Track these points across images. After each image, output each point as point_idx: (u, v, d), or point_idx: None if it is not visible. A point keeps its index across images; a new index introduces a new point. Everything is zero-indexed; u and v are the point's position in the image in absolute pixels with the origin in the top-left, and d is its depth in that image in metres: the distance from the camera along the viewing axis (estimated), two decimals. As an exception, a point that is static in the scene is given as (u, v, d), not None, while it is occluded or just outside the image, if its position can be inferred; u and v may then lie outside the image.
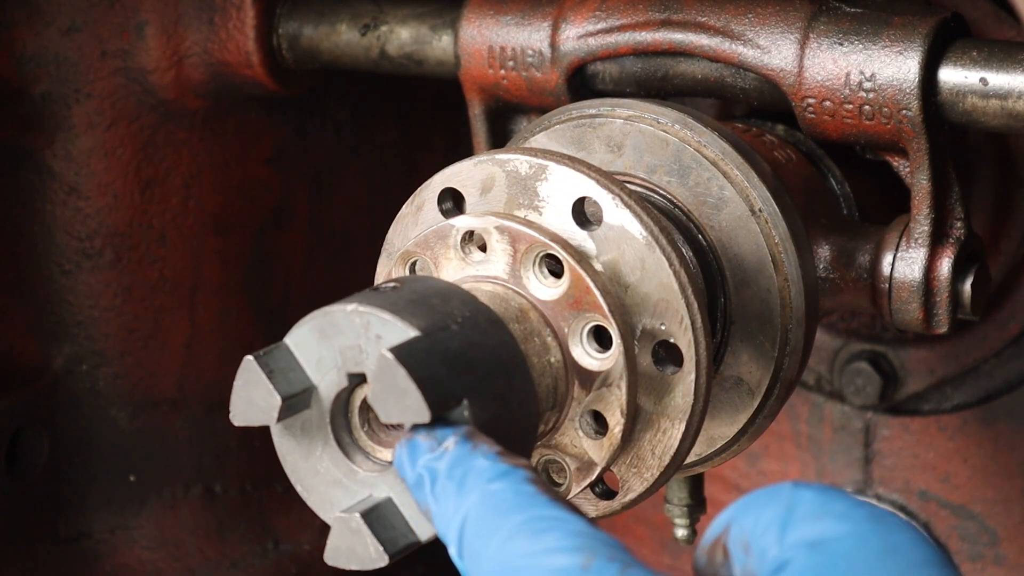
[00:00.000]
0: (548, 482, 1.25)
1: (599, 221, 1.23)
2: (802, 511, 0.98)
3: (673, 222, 1.34)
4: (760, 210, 1.34)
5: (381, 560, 1.12)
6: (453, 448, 1.07)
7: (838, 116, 1.43)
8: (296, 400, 1.13)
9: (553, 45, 1.54)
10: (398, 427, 1.14)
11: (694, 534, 1.58)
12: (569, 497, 1.24)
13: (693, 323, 1.22)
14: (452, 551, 1.05)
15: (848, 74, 1.42)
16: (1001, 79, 1.38)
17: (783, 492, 0.99)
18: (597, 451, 1.22)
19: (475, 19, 1.58)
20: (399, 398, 1.06)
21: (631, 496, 1.28)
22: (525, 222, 1.22)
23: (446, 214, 1.28)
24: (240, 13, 1.71)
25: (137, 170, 1.77)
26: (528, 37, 1.56)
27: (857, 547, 0.95)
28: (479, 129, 1.62)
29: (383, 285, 1.16)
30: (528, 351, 1.18)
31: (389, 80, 1.74)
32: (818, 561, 0.95)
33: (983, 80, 1.39)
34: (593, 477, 1.23)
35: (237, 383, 1.13)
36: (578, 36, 1.53)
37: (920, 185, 1.43)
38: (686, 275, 1.22)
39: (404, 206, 1.32)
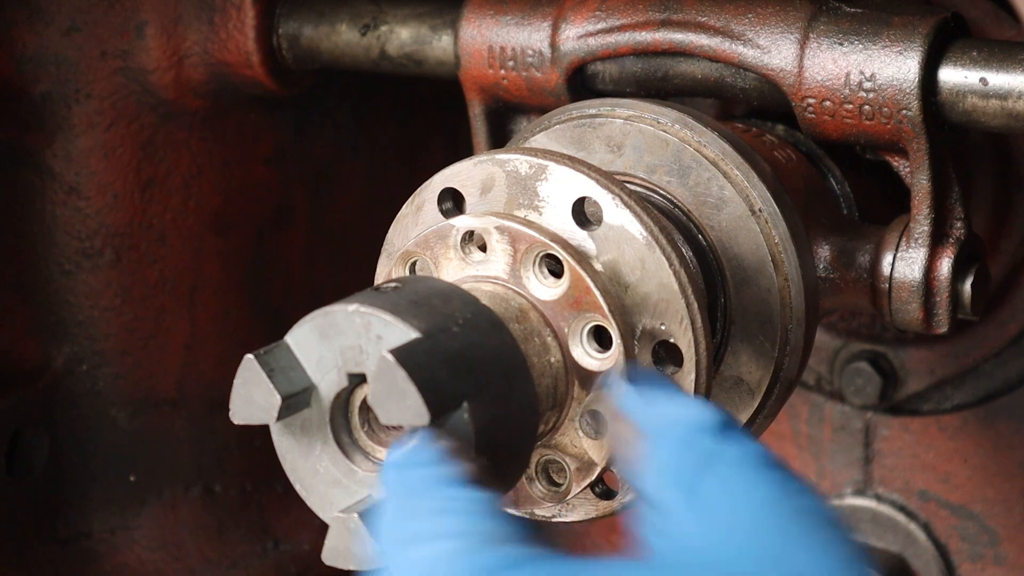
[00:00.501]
0: (547, 482, 1.25)
1: (599, 221, 1.23)
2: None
3: (673, 222, 1.34)
4: (760, 210, 1.35)
5: None
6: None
7: (838, 116, 1.43)
8: (296, 399, 1.13)
9: (553, 45, 1.54)
10: (398, 427, 1.14)
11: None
12: (569, 497, 1.25)
13: (693, 323, 1.22)
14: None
15: (848, 74, 1.42)
16: (1001, 79, 1.38)
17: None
18: (597, 451, 1.22)
19: (475, 19, 1.58)
20: (399, 400, 1.06)
21: (631, 496, 1.28)
22: (525, 222, 1.22)
23: (446, 214, 1.28)
24: (240, 13, 1.71)
25: (137, 170, 1.77)
26: (528, 37, 1.56)
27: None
28: (479, 129, 1.62)
29: (384, 285, 1.16)
30: (528, 351, 1.18)
31: (389, 80, 1.74)
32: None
33: (983, 80, 1.39)
34: (593, 477, 1.23)
35: (237, 381, 1.13)
36: (578, 36, 1.53)
37: (920, 185, 1.43)
38: (686, 275, 1.22)
39: (404, 206, 1.32)
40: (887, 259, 1.45)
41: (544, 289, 1.21)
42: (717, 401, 1.36)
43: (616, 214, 1.22)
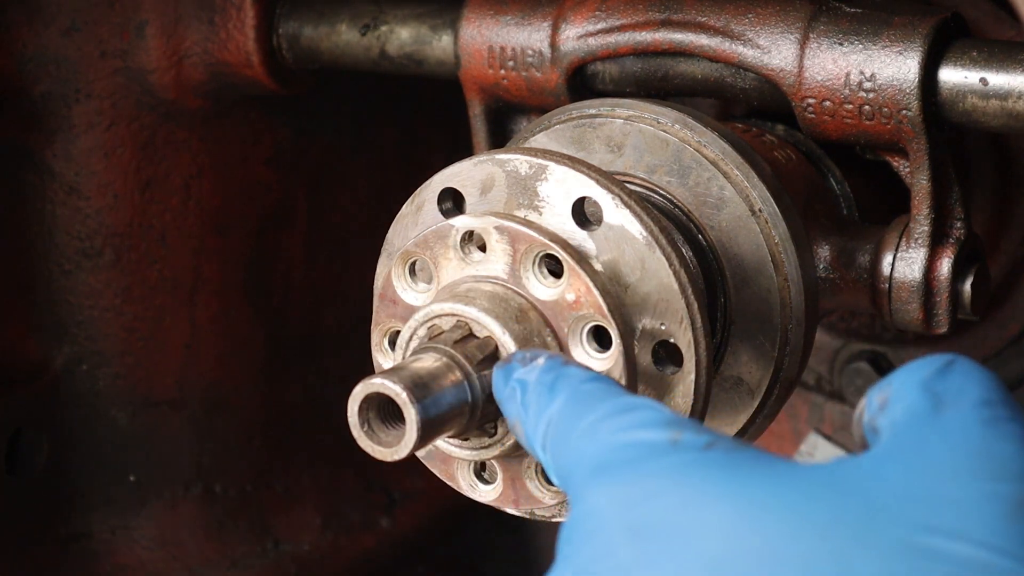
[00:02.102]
0: (547, 481, 1.25)
1: (599, 221, 1.23)
2: (941, 386, 1.00)
3: (673, 222, 1.34)
4: (760, 210, 1.35)
5: None
6: (544, 362, 1.13)
7: (838, 116, 1.43)
8: None
9: (553, 45, 1.54)
10: (398, 427, 1.14)
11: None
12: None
13: (693, 323, 1.22)
14: (537, 446, 1.09)
15: (848, 74, 1.42)
16: (1001, 79, 1.38)
17: (942, 361, 1.02)
18: (597, 451, 1.22)
19: (475, 19, 1.58)
20: None
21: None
22: (525, 222, 1.22)
23: (446, 214, 1.28)
24: (240, 13, 1.71)
25: (137, 170, 1.77)
26: (528, 37, 1.56)
27: (955, 444, 0.95)
28: (479, 129, 1.62)
29: None
30: (528, 351, 1.19)
31: (389, 80, 1.74)
32: (910, 445, 0.96)
33: (983, 80, 1.39)
34: (593, 477, 1.23)
35: None
36: (578, 36, 1.53)
37: (920, 185, 1.43)
38: (686, 275, 1.22)
39: (404, 206, 1.32)
40: (887, 259, 1.45)
41: (544, 289, 1.21)
42: (717, 401, 1.36)
43: (616, 214, 1.22)
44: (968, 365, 1.03)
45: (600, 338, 1.21)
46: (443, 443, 1.23)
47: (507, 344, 1.18)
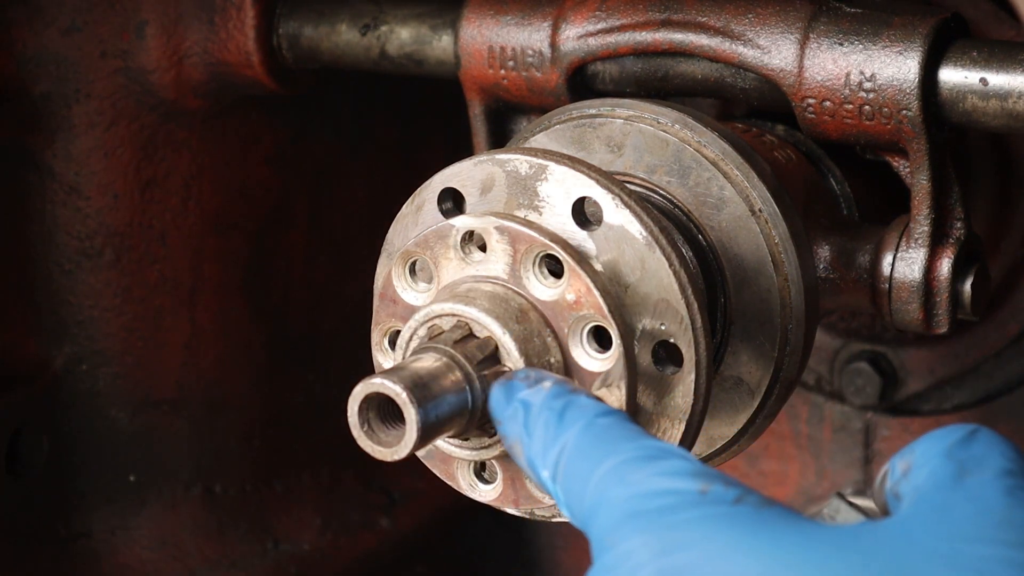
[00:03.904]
0: None
1: (599, 221, 1.23)
2: (964, 455, 1.02)
3: (673, 222, 1.34)
4: (760, 210, 1.35)
5: None
6: (552, 386, 1.14)
7: (838, 116, 1.43)
8: None
9: (553, 45, 1.54)
10: (398, 427, 1.14)
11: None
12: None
13: (693, 323, 1.22)
14: (544, 475, 1.10)
15: (848, 74, 1.42)
16: (1001, 79, 1.38)
17: (965, 431, 1.04)
18: (597, 451, 1.22)
19: (475, 19, 1.58)
20: None
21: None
22: (525, 222, 1.22)
23: (446, 214, 1.28)
24: (240, 13, 1.71)
25: (137, 170, 1.77)
26: (528, 37, 1.56)
27: (979, 511, 0.98)
28: (479, 129, 1.62)
29: None
30: (528, 352, 1.18)
31: (389, 80, 1.74)
32: (935, 509, 0.98)
33: (983, 80, 1.39)
34: (593, 477, 1.23)
35: None
36: (578, 36, 1.53)
37: (920, 185, 1.43)
38: (686, 275, 1.22)
39: (404, 206, 1.32)
40: (887, 259, 1.45)
41: (544, 289, 1.21)
42: (717, 401, 1.36)
43: (616, 214, 1.22)
44: (991, 436, 1.05)
45: (600, 338, 1.21)
46: (443, 443, 1.23)
47: (507, 344, 1.18)
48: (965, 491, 0.99)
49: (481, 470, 1.27)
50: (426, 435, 1.14)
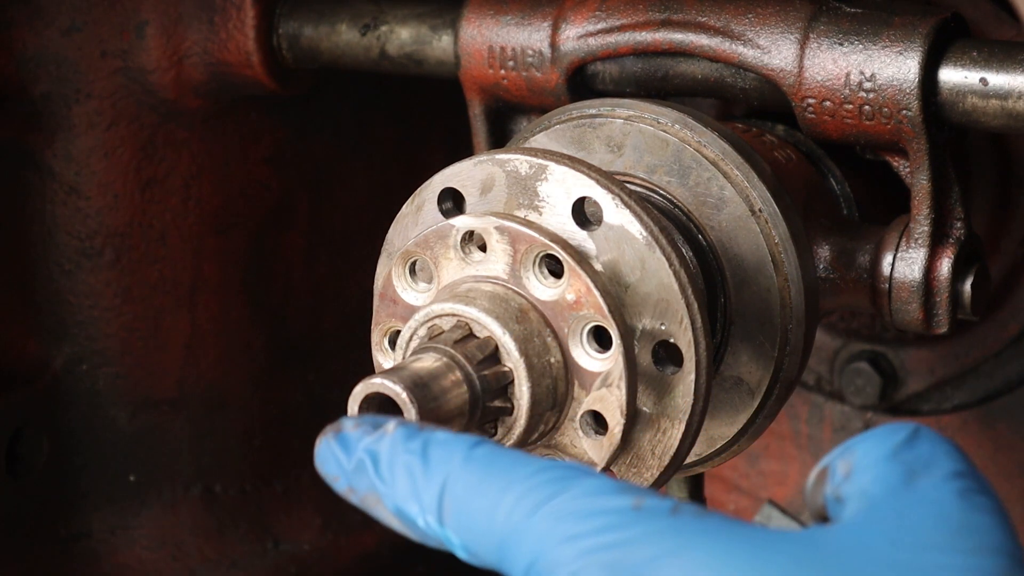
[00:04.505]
0: None
1: (599, 221, 1.23)
2: (910, 456, 0.99)
3: (673, 222, 1.34)
4: (760, 210, 1.35)
5: None
6: (396, 428, 1.04)
7: (838, 116, 1.43)
8: None
9: (553, 45, 1.54)
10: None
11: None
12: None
13: (693, 323, 1.22)
14: (425, 520, 1.01)
15: (848, 74, 1.42)
16: (1001, 79, 1.38)
17: (907, 431, 1.01)
18: (597, 451, 1.22)
19: (475, 19, 1.58)
20: None
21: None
22: (525, 222, 1.22)
23: (446, 214, 1.28)
24: (240, 13, 1.71)
25: (137, 170, 1.77)
26: (528, 37, 1.56)
27: (935, 516, 0.95)
28: (479, 129, 1.62)
29: None
30: (528, 351, 1.18)
31: (389, 80, 1.74)
32: (888, 515, 0.96)
33: (983, 80, 1.39)
34: (593, 477, 1.23)
35: None
36: (578, 36, 1.53)
37: (920, 185, 1.43)
38: (686, 275, 1.22)
39: (404, 206, 1.32)
40: (887, 259, 1.45)
41: (544, 289, 1.21)
42: (717, 401, 1.36)
43: (616, 214, 1.22)
44: (933, 435, 1.02)
45: (600, 338, 1.21)
46: (443, 443, 1.23)
47: (507, 344, 1.18)
48: (917, 495, 0.97)
49: (481, 470, 1.27)
50: (426, 435, 1.14)
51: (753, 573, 0.91)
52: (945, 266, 1.44)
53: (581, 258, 1.21)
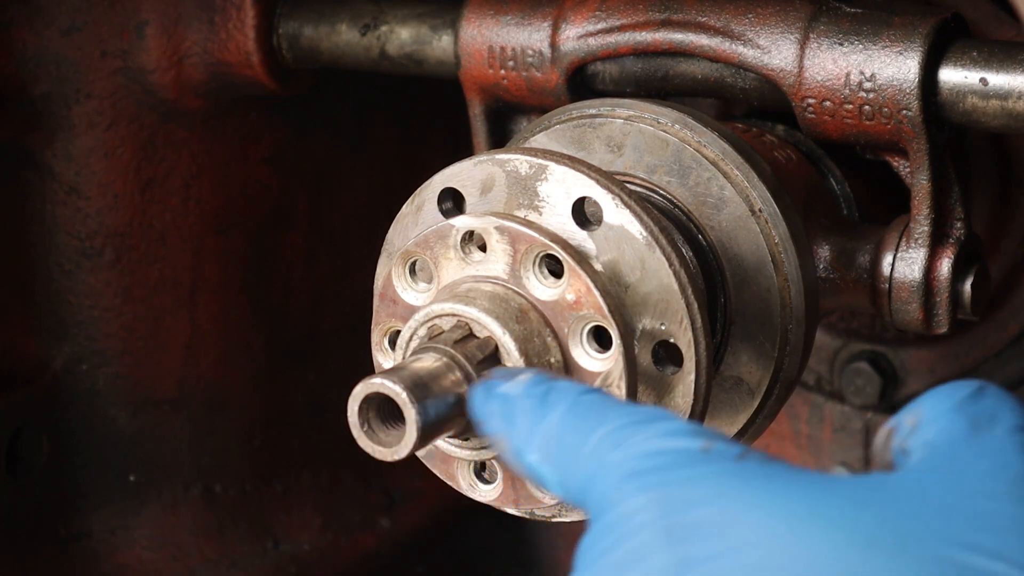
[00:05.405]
0: None
1: (599, 221, 1.23)
2: (976, 409, 1.01)
3: (673, 222, 1.34)
4: (760, 210, 1.35)
5: None
6: (530, 375, 1.13)
7: (838, 116, 1.43)
8: None
9: (553, 45, 1.54)
10: (398, 427, 1.14)
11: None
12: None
13: (693, 323, 1.22)
14: (533, 459, 1.08)
15: (848, 74, 1.42)
16: (1001, 79, 1.38)
17: (973, 386, 1.03)
18: (597, 451, 1.22)
19: (475, 19, 1.58)
20: None
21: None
22: (525, 222, 1.22)
23: (446, 214, 1.28)
24: (240, 13, 1.71)
25: (137, 170, 1.77)
26: (528, 37, 1.56)
27: (995, 466, 0.97)
28: (479, 129, 1.62)
29: None
30: (528, 351, 1.18)
31: (389, 80, 1.74)
32: (949, 464, 0.97)
33: (983, 80, 1.39)
34: (593, 477, 1.23)
35: None
36: (578, 36, 1.53)
37: (920, 185, 1.43)
38: (686, 275, 1.22)
39: (404, 206, 1.32)
40: (887, 259, 1.45)
41: (544, 289, 1.21)
42: (717, 401, 1.36)
43: (616, 214, 1.22)
44: (999, 392, 1.04)
45: (600, 338, 1.21)
46: (443, 443, 1.23)
47: (507, 344, 1.18)
48: (979, 446, 0.98)
49: (481, 470, 1.27)
50: (426, 435, 1.14)
51: (808, 509, 0.93)
52: (945, 266, 1.44)
53: (581, 258, 1.21)
